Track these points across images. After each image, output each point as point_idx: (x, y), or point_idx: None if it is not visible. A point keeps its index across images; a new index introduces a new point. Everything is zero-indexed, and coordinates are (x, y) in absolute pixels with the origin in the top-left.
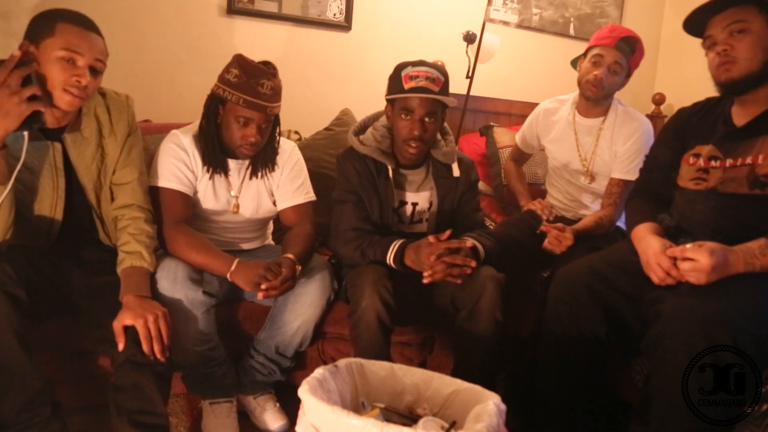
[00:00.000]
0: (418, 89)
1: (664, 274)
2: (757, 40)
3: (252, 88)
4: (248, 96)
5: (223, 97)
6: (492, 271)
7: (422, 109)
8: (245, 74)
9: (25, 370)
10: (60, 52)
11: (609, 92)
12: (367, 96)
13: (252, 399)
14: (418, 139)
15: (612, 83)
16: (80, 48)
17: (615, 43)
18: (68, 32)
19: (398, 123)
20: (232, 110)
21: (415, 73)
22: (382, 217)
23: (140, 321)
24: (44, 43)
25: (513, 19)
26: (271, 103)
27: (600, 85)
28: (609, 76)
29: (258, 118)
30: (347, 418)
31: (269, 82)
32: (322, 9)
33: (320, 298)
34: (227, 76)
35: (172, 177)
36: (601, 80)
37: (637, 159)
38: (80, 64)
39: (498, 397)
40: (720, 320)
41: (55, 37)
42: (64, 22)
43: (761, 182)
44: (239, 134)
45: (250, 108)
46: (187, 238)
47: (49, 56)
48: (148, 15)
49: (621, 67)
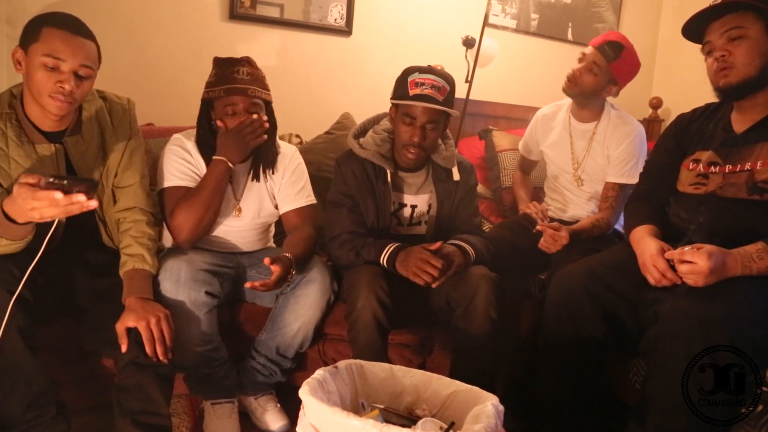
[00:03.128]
0: (422, 97)
1: (659, 276)
2: (755, 46)
3: (229, 77)
4: (227, 84)
5: (209, 98)
6: (485, 270)
7: (424, 117)
8: (221, 68)
9: (30, 370)
10: (43, 58)
11: (584, 90)
12: (368, 100)
13: (253, 399)
14: (417, 145)
15: (587, 82)
16: (63, 54)
17: (599, 44)
18: (53, 37)
19: (400, 127)
20: (219, 107)
21: (421, 80)
22: (379, 221)
23: (143, 323)
24: (31, 49)
25: (512, 23)
26: (251, 85)
27: (573, 80)
28: (585, 73)
29: (243, 102)
30: (347, 419)
31: (245, 68)
32: (323, 14)
33: (320, 299)
34: (209, 79)
35: (178, 174)
36: (575, 76)
37: (630, 162)
38: (64, 69)
39: (496, 398)
40: (717, 322)
41: (40, 43)
42: (49, 27)
43: (760, 188)
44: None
45: (231, 94)
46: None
47: (34, 62)
48: (150, 20)
49: (598, 68)
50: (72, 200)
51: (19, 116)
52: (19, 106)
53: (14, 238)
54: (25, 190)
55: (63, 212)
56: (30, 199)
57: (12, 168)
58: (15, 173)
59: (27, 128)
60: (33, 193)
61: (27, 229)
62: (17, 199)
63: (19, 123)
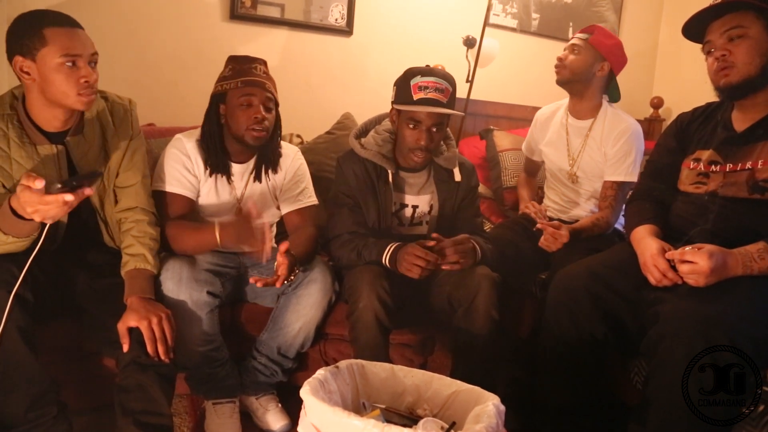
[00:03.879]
0: (428, 101)
1: (660, 276)
2: (755, 46)
3: (246, 71)
4: (245, 77)
5: (222, 91)
6: (486, 270)
7: (430, 121)
8: (238, 63)
9: (31, 370)
10: (60, 59)
11: (574, 71)
12: (368, 100)
13: (254, 399)
14: (424, 149)
15: (572, 63)
16: (76, 49)
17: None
18: (60, 36)
19: (404, 131)
20: (233, 97)
21: (424, 84)
22: (381, 221)
23: (144, 323)
24: (40, 54)
25: (512, 23)
26: (267, 81)
27: (561, 65)
28: (568, 56)
29: (259, 95)
30: (348, 419)
31: (261, 66)
32: (323, 14)
33: (322, 299)
34: (223, 74)
35: (175, 181)
36: (560, 60)
37: (628, 160)
38: (81, 64)
39: (497, 398)
40: (718, 322)
41: (50, 46)
42: (51, 27)
43: (761, 187)
44: (245, 116)
45: (249, 86)
46: (178, 227)
47: (50, 65)
48: (151, 20)
49: (579, 47)
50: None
51: (21, 117)
52: (21, 108)
53: (20, 234)
54: (28, 194)
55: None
56: (35, 203)
57: (14, 169)
58: (17, 174)
59: (29, 129)
60: (40, 198)
61: (34, 225)
62: (21, 200)
63: (21, 124)
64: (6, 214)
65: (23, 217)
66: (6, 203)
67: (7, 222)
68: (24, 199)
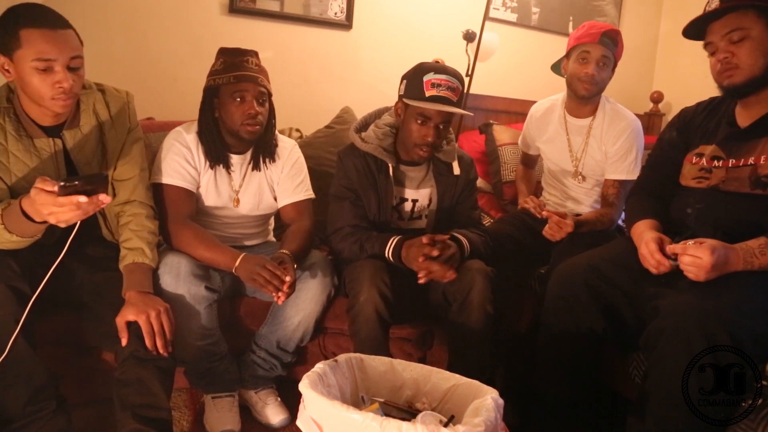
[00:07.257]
0: (440, 99)
1: (656, 262)
2: (758, 46)
3: (239, 65)
4: (237, 71)
5: (215, 86)
6: (480, 265)
7: (439, 118)
8: (229, 56)
9: (30, 364)
10: (33, 63)
11: (601, 87)
12: (368, 94)
13: (254, 393)
14: (431, 145)
15: (603, 78)
16: (51, 53)
17: (598, 38)
18: (35, 38)
19: (411, 126)
20: (226, 93)
21: (437, 81)
22: (381, 214)
23: (143, 317)
24: (16, 55)
25: (512, 17)
26: (260, 75)
27: (593, 82)
28: (599, 71)
29: (252, 90)
30: (347, 413)
31: (253, 59)
32: (323, 8)
33: (321, 293)
34: (214, 67)
35: (175, 174)
36: (593, 76)
37: (629, 157)
38: (57, 68)
39: (496, 391)
40: (718, 317)
41: (24, 48)
42: (27, 28)
43: (763, 182)
44: (238, 112)
45: (241, 81)
46: (194, 233)
47: (25, 68)
48: (150, 14)
49: (608, 59)
50: (94, 202)
51: (17, 111)
52: (17, 101)
53: (25, 235)
54: (44, 196)
55: (83, 215)
56: (50, 205)
57: (11, 163)
58: (15, 168)
59: (25, 122)
60: (54, 200)
61: (41, 227)
62: (35, 202)
63: (17, 117)
64: (16, 213)
65: (33, 219)
66: (17, 203)
67: (15, 222)
68: (40, 201)
